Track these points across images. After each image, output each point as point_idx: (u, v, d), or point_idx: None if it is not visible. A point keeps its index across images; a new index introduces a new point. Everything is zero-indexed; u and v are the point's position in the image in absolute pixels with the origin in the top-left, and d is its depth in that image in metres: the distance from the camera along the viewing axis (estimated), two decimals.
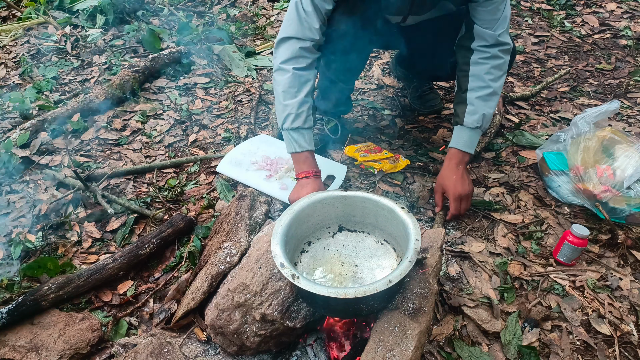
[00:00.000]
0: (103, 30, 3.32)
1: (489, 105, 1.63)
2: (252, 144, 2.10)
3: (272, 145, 2.07)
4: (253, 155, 2.01)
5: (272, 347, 1.28)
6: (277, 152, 1.99)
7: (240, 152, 2.03)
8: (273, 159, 1.97)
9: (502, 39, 1.60)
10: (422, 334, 1.13)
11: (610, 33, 3.08)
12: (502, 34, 1.60)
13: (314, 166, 1.61)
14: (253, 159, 1.98)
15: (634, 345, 1.36)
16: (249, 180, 1.90)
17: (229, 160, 1.99)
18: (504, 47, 1.62)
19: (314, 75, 1.63)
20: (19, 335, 1.36)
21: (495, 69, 1.62)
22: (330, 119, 2.11)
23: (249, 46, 3.17)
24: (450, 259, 1.62)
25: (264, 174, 1.91)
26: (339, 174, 1.90)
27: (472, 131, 1.65)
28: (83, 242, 1.75)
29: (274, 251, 1.14)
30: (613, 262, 1.61)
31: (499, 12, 1.57)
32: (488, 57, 1.61)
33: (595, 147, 1.76)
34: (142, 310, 1.50)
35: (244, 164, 1.97)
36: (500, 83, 1.65)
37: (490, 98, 1.63)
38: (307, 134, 1.60)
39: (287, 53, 1.57)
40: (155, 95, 2.66)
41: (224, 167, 1.98)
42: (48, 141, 2.24)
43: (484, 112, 1.62)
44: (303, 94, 1.57)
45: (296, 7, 1.54)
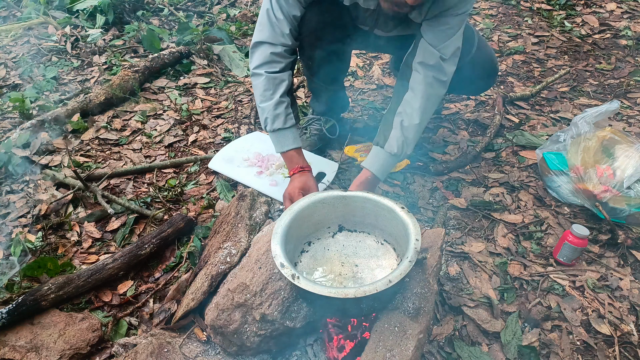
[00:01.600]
0: (103, 30, 3.32)
1: (413, 135, 1.57)
2: (246, 141, 2.12)
3: (264, 142, 2.07)
4: (245, 152, 2.03)
5: (272, 347, 1.28)
6: (269, 149, 1.96)
7: (233, 149, 2.05)
8: (264, 156, 2.00)
9: (445, 65, 1.50)
10: (422, 334, 1.13)
11: (610, 33, 3.08)
12: (446, 60, 1.50)
13: (302, 162, 1.66)
14: (245, 155, 2.01)
15: (634, 345, 1.36)
16: (239, 176, 1.92)
17: (221, 157, 2.01)
18: (441, 75, 1.52)
19: (288, 75, 1.65)
20: (19, 335, 1.36)
21: (427, 102, 1.53)
22: (328, 119, 2.11)
23: (249, 46, 3.17)
24: (450, 259, 1.62)
25: (255, 171, 1.94)
26: (330, 171, 1.91)
27: (390, 157, 1.58)
28: (83, 242, 1.75)
29: (274, 251, 1.14)
30: (613, 262, 1.61)
31: (449, 32, 1.48)
32: (421, 84, 1.52)
33: (595, 147, 1.76)
34: (142, 310, 1.50)
35: (235, 161, 1.99)
36: (429, 116, 1.58)
37: (416, 129, 1.56)
38: (290, 133, 1.64)
39: (260, 58, 1.60)
40: (155, 95, 2.66)
41: (216, 163, 1.99)
42: (48, 141, 2.24)
43: (407, 142, 1.56)
44: (278, 95, 1.60)
45: (267, 13, 1.56)
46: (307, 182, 1.60)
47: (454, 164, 2.01)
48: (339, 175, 2.00)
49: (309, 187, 1.59)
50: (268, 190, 1.83)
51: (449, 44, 1.49)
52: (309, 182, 1.61)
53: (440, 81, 1.54)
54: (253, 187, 1.82)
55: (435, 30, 1.49)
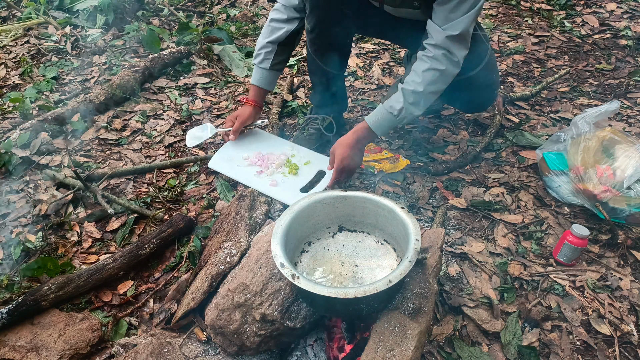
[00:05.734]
0: (103, 30, 3.32)
1: (414, 104, 1.58)
2: (244, 139, 2.08)
3: (264, 141, 2.04)
4: (245, 150, 1.98)
5: (272, 347, 1.28)
6: (270, 148, 1.98)
7: (232, 147, 2.00)
8: (265, 154, 1.95)
9: (451, 43, 1.51)
10: (422, 334, 1.13)
11: (610, 33, 3.08)
12: (452, 37, 1.50)
13: (254, 97, 1.94)
14: (245, 154, 1.96)
15: (634, 345, 1.36)
16: (239, 176, 1.89)
17: (220, 156, 1.96)
18: (451, 55, 1.53)
19: (287, 25, 1.84)
20: (19, 335, 1.36)
21: (434, 72, 1.55)
22: (325, 116, 2.10)
23: (249, 46, 3.17)
24: (450, 259, 1.62)
25: (255, 170, 1.89)
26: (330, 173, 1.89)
27: (388, 115, 1.61)
28: (83, 242, 1.75)
29: (274, 251, 1.14)
30: (613, 262, 1.61)
31: (456, 12, 1.49)
32: (430, 57, 1.54)
33: (595, 147, 1.76)
34: (142, 310, 1.50)
35: (235, 160, 1.94)
36: (435, 89, 1.59)
37: (417, 97, 1.58)
38: (260, 72, 1.91)
39: (274, 10, 1.87)
40: (155, 95, 2.66)
41: (216, 163, 1.95)
42: (48, 141, 2.24)
43: (406, 107, 1.58)
44: (266, 40, 1.86)
45: None
46: (243, 112, 1.93)
47: (454, 164, 2.01)
48: None
49: (242, 115, 1.91)
50: (268, 190, 1.81)
51: (456, 25, 1.50)
52: (245, 112, 1.93)
53: (449, 59, 1.55)
54: (253, 187, 1.81)
55: (442, 9, 1.51)
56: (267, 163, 1.93)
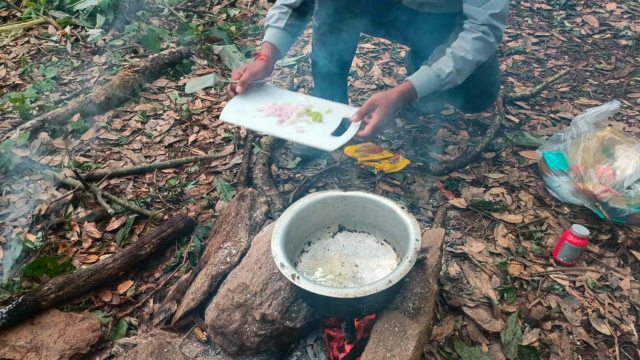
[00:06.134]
0: (103, 30, 3.32)
1: (460, 71, 1.59)
2: (257, 91, 1.85)
3: (276, 94, 1.84)
4: (257, 103, 1.76)
5: (272, 347, 1.28)
6: (284, 99, 1.77)
7: (242, 100, 1.78)
8: (281, 105, 1.74)
9: (494, 20, 1.55)
10: (422, 334, 1.13)
11: (610, 33, 3.08)
12: (494, 15, 1.55)
13: (266, 52, 1.81)
14: (259, 105, 1.74)
15: (634, 345, 1.36)
16: (259, 126, 1.69)
17: (231, 109, 1.74)
18: (495, 29, 1.57)
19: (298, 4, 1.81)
20: (19, 335, 1.36)
21: (483, 42, 1.57)
22: None
23: (249, 46, 3.17)
24: (450, 259, 1.62)
25: (275, 120, 1.68)
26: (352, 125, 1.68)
27: (435, 78, 1.59)
28: (83, 242, 1.75)
29: (274, 251, 1.14)
30: (613, 262, 1.61)
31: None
32: (478, 31, 1.57)
33: (595, 147, 1.76)
34: (142, 310, 1.50)
35: (249, 112, 1.73)
36: (480, 59, 1.60)
37: (465, 65, 1.58)
38: (274, 31, 1.82)
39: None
40: (155, 95, 2.66)
41: (228, 115, 1.72)
42: (48, 141, 2.24)
43: (454, 73, 1.58)
44: (281, 2, 1.82)
45: None
46: (253, 65, 1.76)
47: (454, 164, 2.01)
48: (338, 176, 2.00)
49: (252, 67, 1.75)
50: (297, 137, 1.62)
51: (495, 3, 1.53)
52: (255, 66, 1.76)
53: (494, 32, 1.57)
54: (278, 136, 1.69)
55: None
56: (286, 112, 1.71)
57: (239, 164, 2.10)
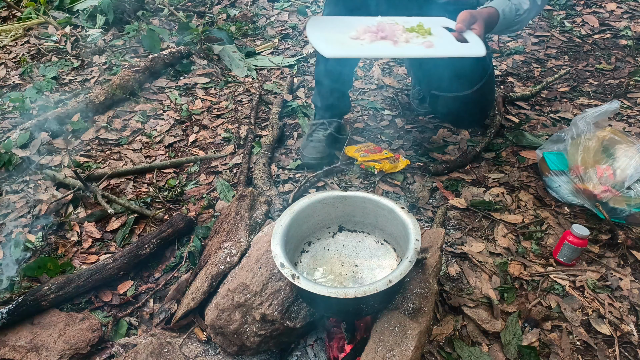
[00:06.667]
0: (103, 30, 3.32)
1: (529, 12, 1.55)
2: (326, 25, 1.50)
3: (349, 21, 1.49)
4: (342, 32, 1.41)
5: (272, 347, 1.28)
6: (367, 22, 1.45)
7: (325, 35, 1.40)
8: (375, 26, 1.41)
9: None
10: (422, 334, 1.13)
11: (610, 33, 3.08)
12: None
13: None
14: (351, 33, 1.40)
15: (634, 345, 1.36)
16: (377, 51, 1.38)
17: (326, 41, 1.35)
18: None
19: None
20: (19, 335, 1.36)
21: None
22: (332, 120, 2.08)
23: (249, 46, 3.17)
24: (450, 259, 1.62)
25: (387, 43, 1.37)
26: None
27: (512, 12, 1.52)
28: (83, 242, 1.75)
29: (274, 251, 1.14)
30: (613, 262, 1.61)
31: None
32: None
33: (595, 147, 1.76)
34: (142, 310, 1.50)
35: (348, 42, 1.38)
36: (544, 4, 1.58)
37: (535, 6, 1.56)
38: None
39: None
40: (155, 95, 2.66)
41: (333, 49, 1.32)
42: (48, 141, 2.24)
43: (527, 12, 1.55)
44: None
45: None
46: None
47: (454, 164, 2.01)
48: (339, 176, 2.00)
49: None
50: (433, 52, 1.35)
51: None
52: None
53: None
54: (408, 56, 1.46)
55: None
56: (391, 32, 1.39)
57: (239, 163, 2.10)
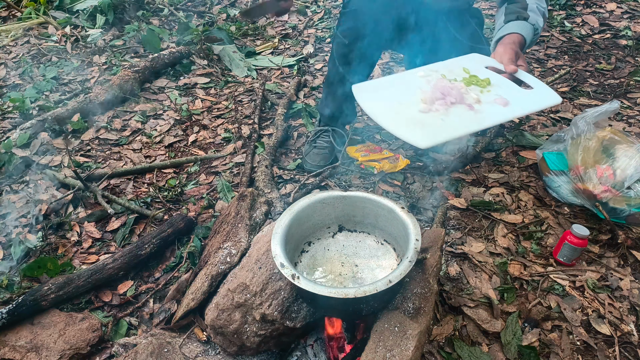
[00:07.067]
0: (103, 30, 3.32)
1: (543, 24, 1.56)
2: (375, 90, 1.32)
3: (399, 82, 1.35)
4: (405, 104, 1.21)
5: (272, 347, 1.28)
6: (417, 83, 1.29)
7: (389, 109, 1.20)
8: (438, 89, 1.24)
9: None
10: (422, 334, 1.13)
11: (610, 33, 3.08)
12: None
13: None
14: (420, 106, 1.20)
15: (634, 345, 1.36)
16: (466, 127, 1.15)
17: (405, 126, 1.13)
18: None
19: None
20: (19, 335, 1.36)
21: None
22: (335, 129, 2.07)
23: (249, 46, 3.17)
24: (450, 259, 1.62)
25: (462, 109, 1.20)
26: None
27: (533, 31, 1.49)
28: (83, 242, 1.75)
29: (274, 251, 1.14)
30: (613, 262, 1.61)
31: None
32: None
33: (595, 147, 1.76)
34: (142, 310, 1.50)
35: (425, 122, 1.15)
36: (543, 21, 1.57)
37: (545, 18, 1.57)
38: None
39: None
40: (155, 95, 2.66)
41: (424, 138, 1.09)
42: (48, 141, 2.24)
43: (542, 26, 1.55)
44: None
45: None
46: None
47: (454, 164, 2.01)
48: (338, 176, 2.00)
49: None
50: (516, 112, 1.24)
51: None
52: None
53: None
54: (497, 123, 1.29)
55: None
56: (457, 94, 1.23)
57: (240, 163, 2.10)
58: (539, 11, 1.56)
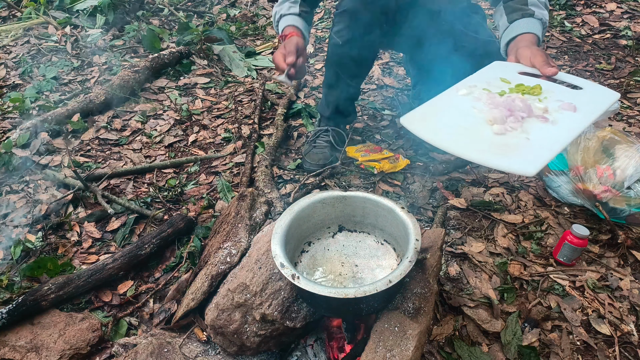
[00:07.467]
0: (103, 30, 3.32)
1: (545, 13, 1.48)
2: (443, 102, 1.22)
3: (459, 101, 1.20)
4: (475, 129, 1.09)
5: (272, 347, 1.28)
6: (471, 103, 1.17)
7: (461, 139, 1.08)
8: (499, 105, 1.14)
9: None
10: (422, 334, 1.13)
11: (610, 33, 3.08)
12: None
13: (296, 29, 1.68)
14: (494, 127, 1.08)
15: (634, 345, 1.36)
16: (563, 139, 1.04)
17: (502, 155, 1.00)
18: None
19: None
20: (19, 335, 1.36)
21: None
22: (335, 129, 2.07)
23: (249, 46, 3.17)
24: (450, 259, 1.62)
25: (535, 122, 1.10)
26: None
27: (541, 25, 1.42)
28: (83, 242, 1.75)
29: (274, 251, 1.14)
30: (613, 262, 1.61)
31: None
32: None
33: (595, 147, 1.76)
34: (142, 310, 1.50)
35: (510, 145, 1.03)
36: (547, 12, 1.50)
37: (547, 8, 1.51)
38: (291, 17, 1.72)
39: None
40: (155, 95, 2.66)
41: (532, 164, 0.96)
42: (48, 141, 2.24)
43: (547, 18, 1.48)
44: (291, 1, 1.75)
45: None
46: (295, 42, 1.56)
47: (454, 164, 2.01)
48: (338, 176, 2.00)
49: (298, 44, 1.55)
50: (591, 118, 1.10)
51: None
52: (296, 42, 1.57)
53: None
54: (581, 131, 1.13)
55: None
56: (525, 107, 1.13)
57: (240, 163, 2.10)
58: (540, 3, 1.48)
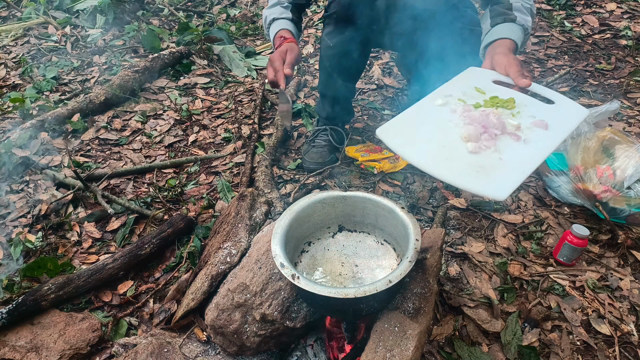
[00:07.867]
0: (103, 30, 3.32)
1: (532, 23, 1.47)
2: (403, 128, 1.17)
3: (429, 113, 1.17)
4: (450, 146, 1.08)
5: (272, 347, 1.28)
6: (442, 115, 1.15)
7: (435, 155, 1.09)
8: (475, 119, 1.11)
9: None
10: (422, 334, 1.13)
11: (610, 33, 3.08)
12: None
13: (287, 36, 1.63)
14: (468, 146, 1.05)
15: (634, 345, 1.36)
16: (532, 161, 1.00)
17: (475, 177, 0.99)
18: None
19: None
20: (19, 335, 1.36)
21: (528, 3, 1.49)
22: (334, 127, 2.07)
23: (249, 46, 3.17)
24: (450, 259, 1.62)
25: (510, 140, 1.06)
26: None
27: (523, 32, 1.41)
28: (83, 242, 1.75)
29: (274, 251, 1.14)
30: (613, 262, 1.61)
31: None
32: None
33: (595, 147, 1.76)
34: (142, 310, 1.50)
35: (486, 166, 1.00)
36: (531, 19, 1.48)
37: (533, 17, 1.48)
38: (284, 22, 1.69)
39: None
40: (155, 95, 2.66)
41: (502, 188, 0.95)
42: (48, 141, 2.24)
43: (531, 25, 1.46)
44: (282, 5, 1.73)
45: None
46: (290, 48, 1.52)
47: None
48: (338, 176, 2.00)
49: (292, 50, 1.51)
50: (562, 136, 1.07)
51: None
52: (293, 49, 1.52)
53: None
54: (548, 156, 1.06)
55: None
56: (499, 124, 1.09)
57: (240, 163, 2.10)
58: (525, 9, 1.47)
